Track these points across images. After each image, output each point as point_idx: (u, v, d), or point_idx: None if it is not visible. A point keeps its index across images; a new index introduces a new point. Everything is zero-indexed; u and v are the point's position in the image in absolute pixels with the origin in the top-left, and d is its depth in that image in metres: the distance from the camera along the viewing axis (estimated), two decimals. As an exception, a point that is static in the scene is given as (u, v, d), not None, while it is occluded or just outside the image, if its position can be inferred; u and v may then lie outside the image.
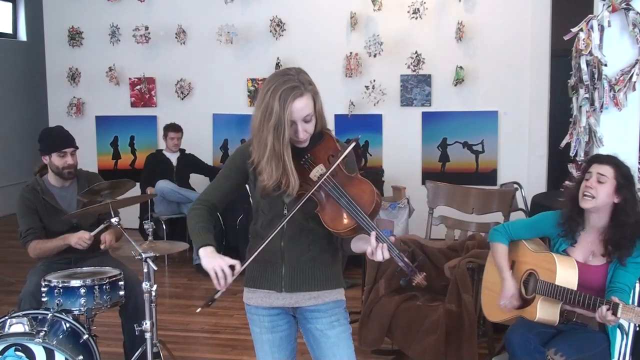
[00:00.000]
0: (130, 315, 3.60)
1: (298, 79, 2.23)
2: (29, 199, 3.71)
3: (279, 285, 2.39)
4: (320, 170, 2.28)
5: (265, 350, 2.46)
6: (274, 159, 2.22)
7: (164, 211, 6.47)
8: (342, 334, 2.44)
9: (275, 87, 2.21)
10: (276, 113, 2.19)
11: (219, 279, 2.23)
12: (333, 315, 2.43)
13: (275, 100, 2.19)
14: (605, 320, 2.72)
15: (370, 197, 2.21)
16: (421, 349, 3.66)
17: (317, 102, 2.28)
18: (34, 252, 3.68)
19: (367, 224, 2.18)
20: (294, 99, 2.20)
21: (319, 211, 2.26)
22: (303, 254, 2.37)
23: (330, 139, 2.34)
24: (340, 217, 2.23)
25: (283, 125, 2.20)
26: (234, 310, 5.11)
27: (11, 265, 6.41)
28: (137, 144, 7.95)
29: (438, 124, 7.11)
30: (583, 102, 3.52)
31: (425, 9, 6.87)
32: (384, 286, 3.92)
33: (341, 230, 2.23)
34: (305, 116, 2.24)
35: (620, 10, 3.41)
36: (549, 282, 2.94)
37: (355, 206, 2.20)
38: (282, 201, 2.34)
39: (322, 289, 2.42)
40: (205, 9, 7.55)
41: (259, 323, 2.46)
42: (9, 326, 3.04)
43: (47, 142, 3.73)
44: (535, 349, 2.93)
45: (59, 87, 8.05)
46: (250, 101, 7.52)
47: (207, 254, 2.31)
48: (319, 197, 2.26)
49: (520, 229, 3.24)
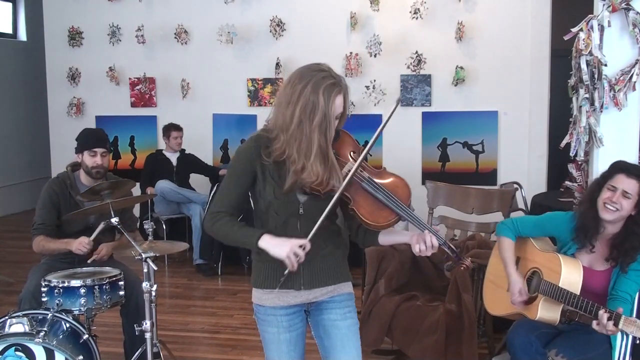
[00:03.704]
0: (130, 315, 3.60)
1: (332, 75, 2.23)
2: (55, 191, 3.71)
3: (297, 283, 2.37)
4: (349, 165, 2.26)
5: (282, 350, 2.42)
6: (319, 156, 2.19)
7: (164, 211, 6.47)
8: (353, 327, 2.45)
9: (316, 82, 2.19)
10: (322, 109, 2.17)
11: (294, 263, 2.20)
12: (346, 307, 2.45)
13: (319, 96, 2.17)
14: (605, 329, 2.70)
15: (405, 188, 2.27)
16: (421, 349, 3.66)
17: (347, 100, 2.29)
18: (37, 247, 3.69)
19: (409, 215, 2.22)
20: (336, 95, 2.20)
21: (353, 206, 2.24)
22: (320, 251, 2.36)
23: (347, 136, 2.34)
24: (378, 210, 2.23)
25: (329, 122, 2.18)
26: (234, 310, 5.11)
27: (11, 265, 6.41)
28: (137, 144, 7.94)
29: (438, 124, 7.11)
30: (583, 102, 3.52)
31: (425, 9, 6.87)
32: (384, 286, 3.92)
33: (382, 224, 2.24)
34: (339, 113, 2.24)
35: (620, 10, 3.40)
36: (552, 283, 2.94)
37: (394, 198, 2.22)
38: (297, 200, 2.30)
39: (338, 282, 2.44)
40: (205, 9, 7.55)
41: (277, 323, 2.41)
42: (9, 326, 3.04)
43: (81, 140, 3.79)
44: (536, 350, 2.93)
45: (59, 87, 8.05)
46: (250, 101, 7.53)
47: (270, 242, 2.23)
48: (351, 193, 2.25)
49: (529, 226, 3.23)
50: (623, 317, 2.66)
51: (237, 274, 6.09)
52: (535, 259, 3.13)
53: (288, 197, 2.28)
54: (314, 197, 2.27)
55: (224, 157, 7.69)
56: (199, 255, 6.21)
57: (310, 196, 2.28)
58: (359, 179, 2.23)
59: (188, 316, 5.04)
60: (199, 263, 6.22)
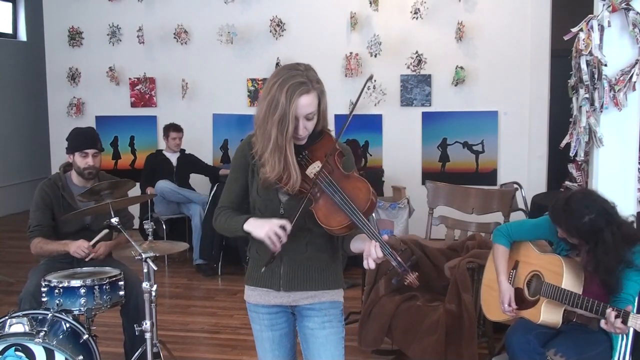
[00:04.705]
0: (130, 315, 3.60)
1: (306, 76, 2.23)
2: (47, 193, 3.70)
3: (277, 284, 2.39)
4: (317, 167, 2.27)
5: (265, 347, 2.48)
6: (276, 151, 2.23)
7: (164, 211, 6.47)
8: (332, 336, 2.42)
9: (283, 80, 2.21)
10: (282, 106, 2.19)
11: (275, 243, 2.21)
12: (326, 316, 2.42)
13: (282, 94, 2.19)
14: (613, 328, 2.69)
15: (365, 196, 2.20)
16: (421, 349, 3.66)
17: (322, 102, 2.29)
18: (34, 249, 3.69)
19: (361, 222, 2.17)
20: (300, 94, 2.20)
21: (312, 207, 2.25)
22: (300, 254, 2.37)
23: (329, 138, 2.34)
24: (333, 213, 2.22)
25: (287, 119, 2.20)
26: (234, 310, 5.11)
27: (11, 265, 6.41)
28: (137, 144, 7.95)
29: (438, 124, 7.11)
30: (583, 102, 3.51)
31: (425, 9, 6.87)
32: (384, 286, 3.92)
33: (334, 227, 2.22)
34: (308, 114, 2.24)
35: (620, 10, 3.40)
36: (555, 285, 2.93)
37: (350, 203, 2.19)
38: (278, 199, 2.34)
39: (319, 289, 2.41)
40: (205, 9, 7.55)
41: (259, 321, 2.47)
42: (9, 326, 3.03)
43: (71, 141, 3.77)
44: (535, 350, 2.93)
45: (59, 87, 8.05)
46: (250, 101, 7.52)
47: (252, 224, 2.28)
48: (314, 194, 2.26)
49: (523, 231, 3.23)
50: (631, 315, 2.65)
51: (237, 274, 6.08)
52: (535, 262, 3.13)
53: (269, 195, 2.33)
54: (292, 197, 2.30)
55: (224, 157, 7.69)
56: (199, 255, 6.21)
57: (290, 197, 2.31)
58: (320, 180, 2.24)
59: (188, 316, 5.04)
60: (199, 263, 6.22)
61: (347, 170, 2.31)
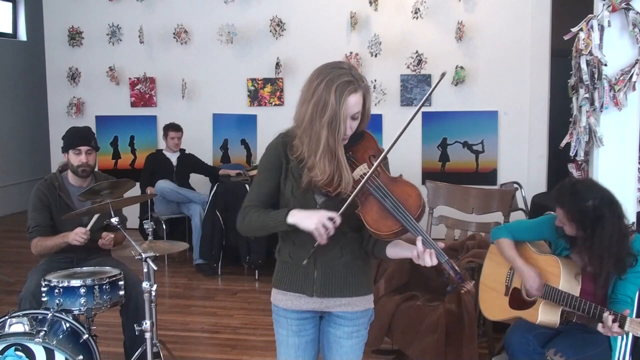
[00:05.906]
0: (130, 315, 3.60)
1: (352, 74, 2.16)
2: (44, 193, 3.70)
3: (310, 289, 2.32)
4: (363, 169, 2.20)
5: (290, 353, 2.40)
6: (327, 154, 2.14)
7: (164, 211, 6.47)
8: (356, 345, 2.39)
9: (330, 79, 2.14)
10: (332, 107, 2.11)
11: (322, 235, 2.12)
12: (355, 326, 2.37)
13: (330, 94, 2.12)
14: (610, 332, 2.69)
15: (417, 201, 2.13)
16: (421, 349, 3.66)
17: (367, 101, 2.22)
18: (35, 249, 3.68)
19: (414, 228, 2.10)
20: (350, 94, 2.13)
21: (360, 211, 2.17)
22: (336, 259, 2.30)
23: (371, 138, 2.28)
24: (383, 218, 2.13)
25: (338, 120, 2.12)
26: (234, 310, 5.11)
27: (11, 265, 6.40)
28: (137, 143, 7.95)
29: (438, 124, 7.12)
30: (583, 102, 3.51)
31: (425, 8, 6.87)
32: (384, 286, 3.92)
33: (384, 233, 2.13)
34: (355, 113, 2.18)
35: (620, 10, 3.40)
36: (552, 287, 2.93)
37: (402, 208, 2.11)
38: (315, 200, 2.26)
39: (354, 295, 2.35)
40: (205, 9, 7.55)
41: (287, 326, 2.39)
42: (9, 326, 3.03)
43: (66, 139, 3.78)
44: (534, 350, 2.93)
45: (59, 87, 8.05)
46: (250, 101, 7.53)
47: (297, 215, 2.17)
48: (360, 197, 2.18)
49: (523, 230, 3.23)
50: (628, 319, 2.65)
51: (237, 273, 6.09)
52: (532, 263, 3.12)
53: (305, 196, 2.25)
54: (330, 199, 2.22)
55: (224, 157, 7.69)
56: (199, 255, 6.21)
57: (327, 198, 2.23)
58: (369, 184, 2.17)
59: (188, 316, 5.04)
60: (199, 263, 6.22)
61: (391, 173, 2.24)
